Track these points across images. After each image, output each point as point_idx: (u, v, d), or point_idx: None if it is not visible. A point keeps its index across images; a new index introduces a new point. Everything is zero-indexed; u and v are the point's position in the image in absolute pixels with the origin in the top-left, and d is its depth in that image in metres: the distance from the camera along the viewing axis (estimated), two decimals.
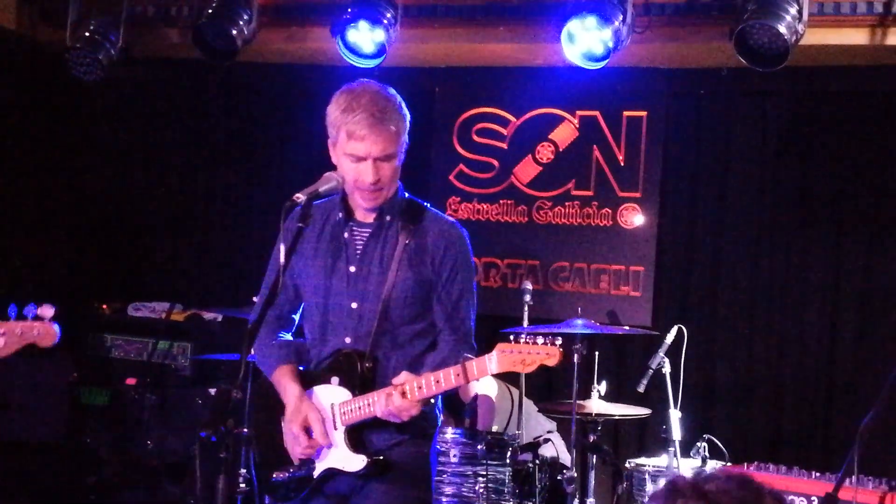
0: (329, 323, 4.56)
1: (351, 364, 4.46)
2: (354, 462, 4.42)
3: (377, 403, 4.32)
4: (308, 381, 4.56)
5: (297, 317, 4.76)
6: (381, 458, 4.44)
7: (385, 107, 4.40)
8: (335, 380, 4.46)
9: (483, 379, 6.92)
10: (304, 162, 8.11)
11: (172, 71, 8.93)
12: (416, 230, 4.51)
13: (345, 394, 4.44)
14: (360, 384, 4.43)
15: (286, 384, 4.56)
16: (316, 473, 4.51)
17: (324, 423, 4.49)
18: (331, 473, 4.49)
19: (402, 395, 4.24)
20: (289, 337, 4.74)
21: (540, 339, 4.17)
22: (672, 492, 2.45)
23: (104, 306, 8.57)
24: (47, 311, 4.90)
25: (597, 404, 6.68)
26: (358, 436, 4.45)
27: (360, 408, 4.39)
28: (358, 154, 4.38)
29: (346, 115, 4.38)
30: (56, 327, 4.84)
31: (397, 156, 4.42)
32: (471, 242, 4.66)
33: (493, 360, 4.20)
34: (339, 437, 4.45)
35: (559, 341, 4.17)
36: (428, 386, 4.25)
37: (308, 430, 4.46)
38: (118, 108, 9.22)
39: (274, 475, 4.58)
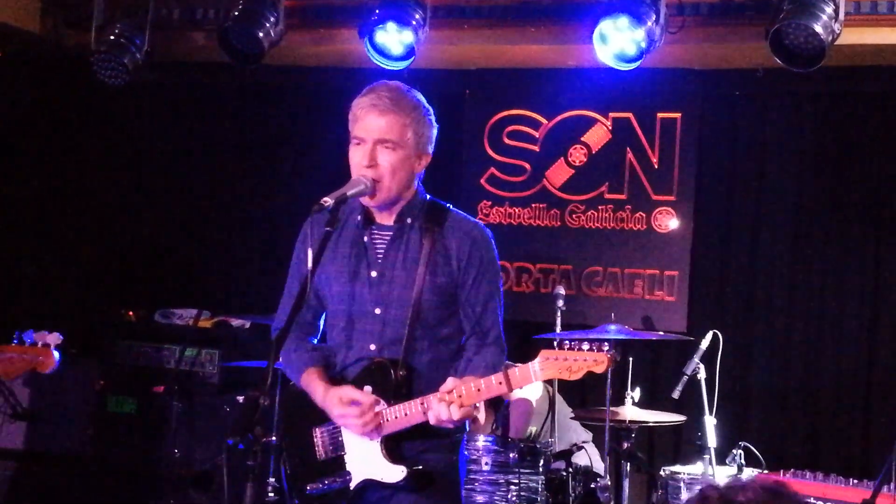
0: (352, 330, 4.55)
1: (384, 373, 4.44)
2: (393, 473, 4.41)
3: (421, 411, 4.32)
4: None
5: (321, 323, 4.77)
6: (420, 467, 4.44)
7: (397, 97, 4.41)
8: (368, 388, 4.43)
9: None
10: (331, 166, 8.08)
11: (198, 74, 8.99)
12: (438, 232, 4.49)
13: (380, 403, 4.43)
14: (393, 393, 4.43)
15: (316, 384, 4.54)
16: (353, 485, 4.50)
17: (322, 441, 4.53)
18: (367, 485, 4.50)
19: (453, 403, 4.25)
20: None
21: (585, 346, 4.18)
22: (702, 502, 2.47)
23: (130, 313, 8.62)
24: (54, 338, 5.03)
25: (630, 411, 6.68)
26: (395, 446, 4.44)
27: (396, 418, 4.38)
28: (358, 135, 4.41)
29: (357, 100, 4.44)
30: (56, 354, 4.98)
31: (403, 148, 4.39)
32: (502, 246, 4.67)
33: (538, 368, 4.21)
34: (375, 447, 4.44)
35: (606, 347, 4.18)
36: (469, 393, 4.27)
37: (353, 403, 4.42)
38: (143, 112, 9.27)
39: (308, 487, 4.56)
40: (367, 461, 4.47)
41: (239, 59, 7.82)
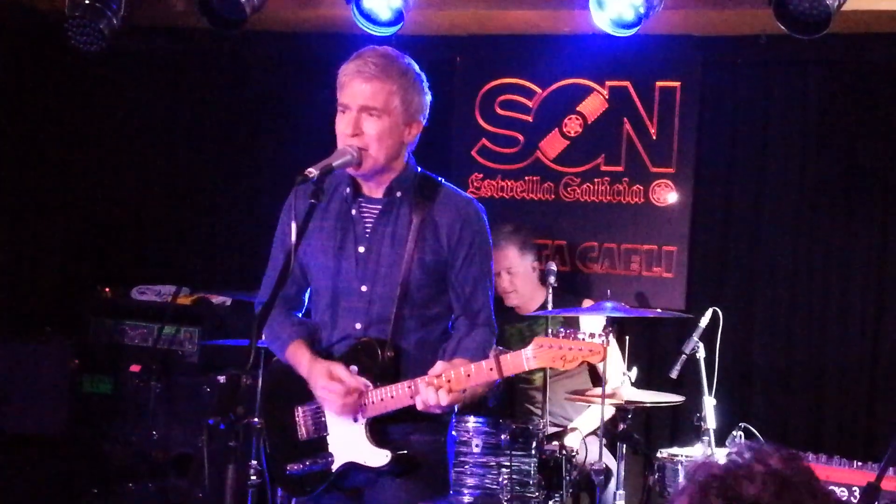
0: (337, 307, 4.57)
1: (371, 353, 4.46)
2: (378, 457, 4.43)
3: (408, 394, 4.33)
4: None
5: (305, 298, 4.78)
6: (405, 452, 4.46)
7: (385, 63, 4.42)
8: (354, 369, 4.45)
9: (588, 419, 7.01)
10: (316, 136, 8.07)
11: (177, 41, 8.95)
12: (429, 207, 4.50)
13: (368, 388, 4.45)
14: (380, 374, 4.45)
15: (301, 355, 4.56)
16: (335, 467, 4.52)
17: (304, 421, 4.56)
18: (349, 467, 4.51)
19: (441, 388, 4.26)
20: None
21: (581, 335, 4.20)
22: (703, 490, 2.40)
23: (107, 289, 8.61)
24: None
25: (627, 391, 6.69)
26: (380, 428, 4.46)
27: (382, 400, 4.40)
28: (343, 102, 4.42)
29: (344, 66, 4.44)
30: None
31: (390, 115, 4.40)
32: (494, 221, 4.68)
33: (531, 355, 4.22)
34: (359, 430, 4.46)
35: (599, 339, 4.19)
36: (458, 378, 4.27)
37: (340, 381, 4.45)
38: (120, 80, 9.23)
39: (288, 468, 4.58)
40: (350, 443, 4.49)
41: (220, 24, 7.78)
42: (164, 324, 8.12)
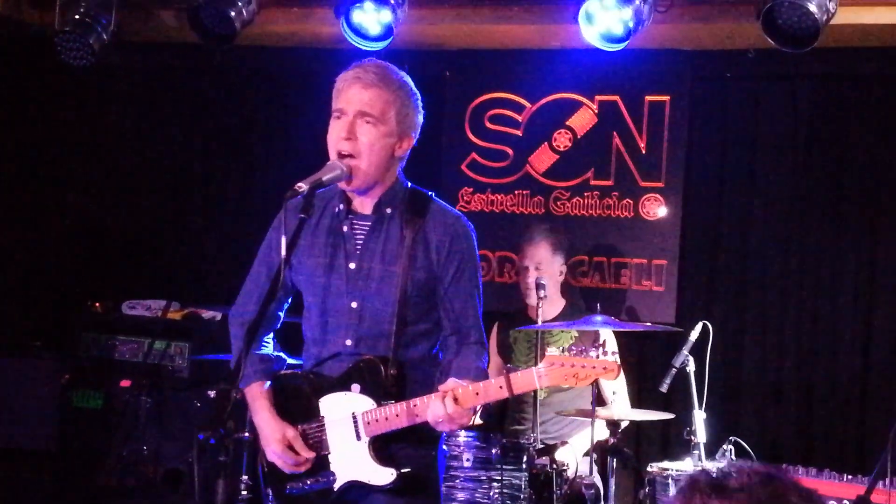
0: (326, 323, 4.56)
1: (373, 371, 4.44)
2: (382, 475, 4.42)
3: (411, 413, 4.32)
4: (322, 386, 4.55)
5: (282, 314, 4.77)
6: (409, 470, 4.44)
7: (384, 73, 4.43)
8: (356, 387, 4.44)
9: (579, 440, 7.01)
10: (307, 151, 8.08)
11: (167, 56, 8.96)
12: (420, 223, 4.50)
13: (368, 402, 4.43)
14: (384, 393, 4.43)
15: (260, 405, 4.58)
16: (336, 486, 4.51)
17: (304, 439, 4.54)
18: (351, 486, 4.50)
19: (454, 402, 4.24)
20: (269, 346, 4.75)
21: (592, 352, 4.18)
22: (691, 488, 2.47)
23: (97, 304, 8.59)
24: None
25: (618, 410, 6.69)
26: (384, 447, 4.45)
27: (387, 418, 4.38)
28: (339, 107, 4.42)
29: (343, 73, 4.45)
30: None
31: (385, 124, 4.40)
32: (484, 235, 4.70)
33: (543, 374, 4.21)
34: (362, 448, 4.44)
35: (613, 357, 4.18)
36: (466, 396, 4.26)
37: (291, 448, 4.50)
38: (110, 95, 9.24)
39: (288, 487, 4.57)
40: (352, 462, 4.48)
41: (210, 39, 7.79)
42: (154, 339, 8.10)
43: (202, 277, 9.12)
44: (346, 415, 4.46)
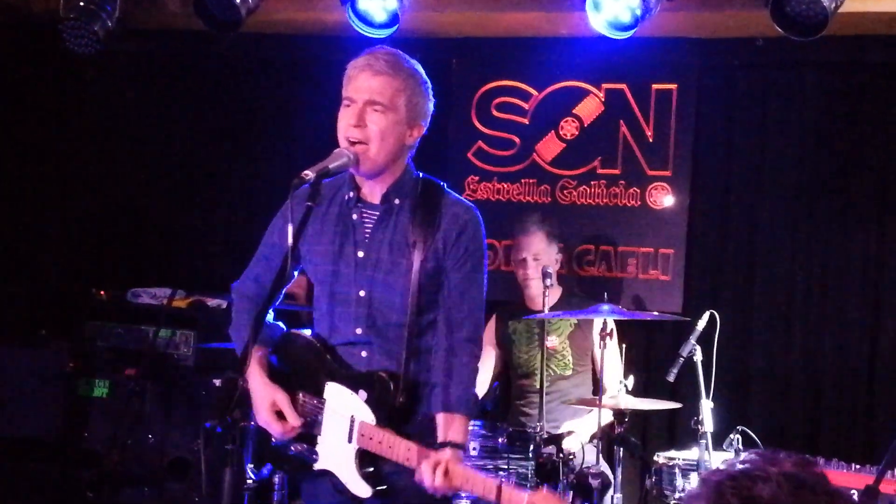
0: (336, 311, 4.56)
1: (384, 390, 4.42)
2: (360, 487, 4.43)
3: (404, 456, 4.31)
4: (333, 371, 4.55)
5: (280, 296, 4.75)
6: (385, 487, 4.44)
7: (394, 61, 4.43)
8: (363, 394, 4.44)
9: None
10: (312, 138, 8.15)
11: (172, 43, 8.94)
12: (428, 214, 4.49)
13: (368, 415, 4.42)
14: (386, 416, 4.42)
15: (252, 370, 4.53)
16: (316, 466, 4.54)
17: (294, 404, 4.52)
18: (330, 475, 4.51)
19: (444, 475, 4.22)
20: (268, 318, 4.73)
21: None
22: (717, 495, 2.38)
23: (102, 292, 8.58)
24: None
25: (624, 399, 6.67)
26: (370, 461, 4.44)
27: (381, 443, 4.37)
28: (349, 95, 4.41)
29: (353, 61, 4.45)
30: None
31: (395, 112, 4.39)
32: (490, 224, 4.66)
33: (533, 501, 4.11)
34: (350, 451, 4.44)
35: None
36: (457, 476, 4.24)
37: (279, 414, 4.48)
38: (115, 82, 9.22)
39: (273, 439, 4.58)
40: (337, 458, 4.49)
41: (215, 26, 7.77)
42: (159, 327, 8.09)
43: (207, 266, 9.10)
44: (346, 413, 4.47)
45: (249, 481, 6.57)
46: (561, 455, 6.55)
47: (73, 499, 7.95)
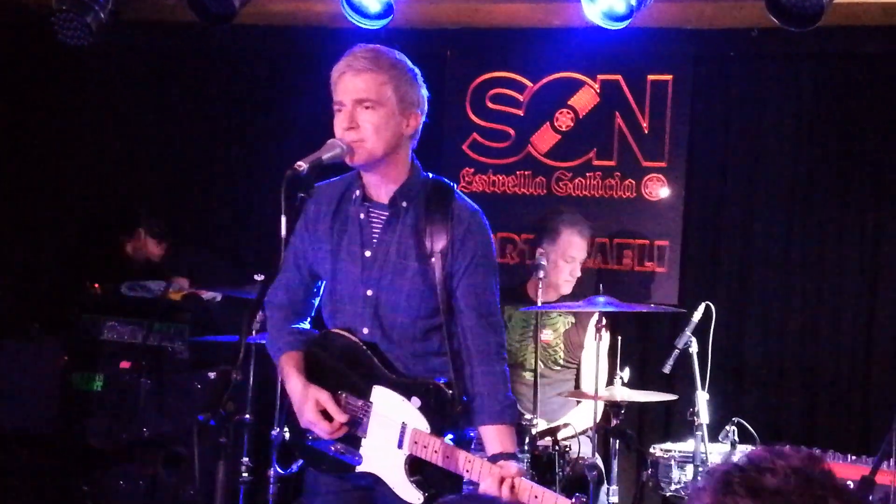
0: (344, 310, 4.57)
1: (441, 398, 4.42)
2: (409, 493, 4.40)
3: (460, 467, 4.29)
4: (377, 375, 4.52)
5: (315, 302, 4.76)
6: (435, 492, 4.39)
7: (373, 56, 4.41)
8: (416, 401, 4.42)
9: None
10: (307, 130, 8.12)
11: (166, 35, 8.93)
12: (436, 218, 4.49)
13: (423, 423, 4.41)
14: (440, 427, 4.40)
15: (290, 372, 4.56)
16: (359, 469, 4.51)
17: (337, 403, 4.50)
18: (372, 478, 4.50)
19: (511, 490, 4.19)
20: (304, 325, 4.75)
21: None
22: (724, 486, 2.37)
23: (96, 286, 8.59)
24: None
25: (620, 391, 6.66)
26: (420, 467, 4.42)
27: (436, 452, 4.35)
28: (338, 99, 4.41)
29: (335, 66, 4.44)
30: None
31: (384, 105, 4.38)
32: (486, 216, 4.67)
33: None
34: (399, 457, 4.42)
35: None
36: (524, 490, 4.20)
37: (324, 413, 4.45)
38: (108, 75, 9.21)
39: (310, 438, 4.56)
40: (384, 462, 4.47)
41: (209, 18, 7.74)
42: (153, 320, 8.09)
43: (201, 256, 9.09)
44: (396, 418, 4.45)
45: (244, 475, 6.58)
46: (556, 448, 6.54)
47: (68, 492, 7.96)
